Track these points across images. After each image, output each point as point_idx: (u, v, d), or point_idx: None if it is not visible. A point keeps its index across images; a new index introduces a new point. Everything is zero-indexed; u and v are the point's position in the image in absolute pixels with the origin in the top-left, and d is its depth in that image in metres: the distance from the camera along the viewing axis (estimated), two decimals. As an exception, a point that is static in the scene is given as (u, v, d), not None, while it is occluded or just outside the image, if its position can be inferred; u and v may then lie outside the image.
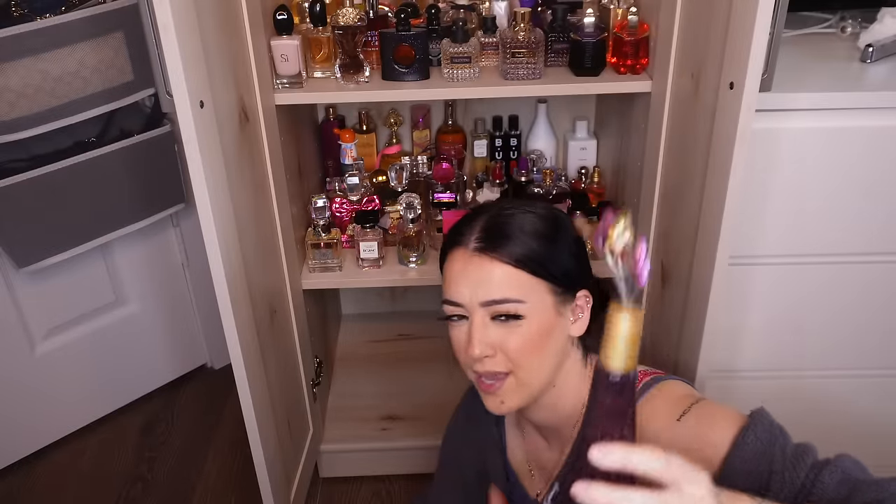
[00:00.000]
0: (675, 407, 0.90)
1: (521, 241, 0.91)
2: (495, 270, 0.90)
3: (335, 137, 1.62)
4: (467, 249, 0.92)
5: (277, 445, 1.33)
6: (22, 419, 1.76)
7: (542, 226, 0.93)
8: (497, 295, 0.90)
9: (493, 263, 0.90)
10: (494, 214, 0.94)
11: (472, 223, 0.94)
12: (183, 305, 1.95)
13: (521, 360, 0.92)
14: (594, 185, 1.63)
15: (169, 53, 0.90)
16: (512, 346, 0.91)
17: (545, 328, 0.91)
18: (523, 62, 1.29)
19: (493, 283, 0.90)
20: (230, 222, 1.09)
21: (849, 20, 1.45)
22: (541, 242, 0.92)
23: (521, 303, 0.90)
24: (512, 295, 0.89)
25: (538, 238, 0.92)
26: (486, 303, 0.90)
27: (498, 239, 0.91)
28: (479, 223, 0.94)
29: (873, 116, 1.22)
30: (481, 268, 0.90)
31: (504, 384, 0.93)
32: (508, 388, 0.93)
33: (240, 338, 1.12)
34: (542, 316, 0.91)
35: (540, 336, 0.91)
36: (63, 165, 1.53)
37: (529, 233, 0.92)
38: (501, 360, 0.92)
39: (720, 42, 1.00)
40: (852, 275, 1.35)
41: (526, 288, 0.90)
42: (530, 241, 0.91)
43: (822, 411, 1.49)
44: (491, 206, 0.98)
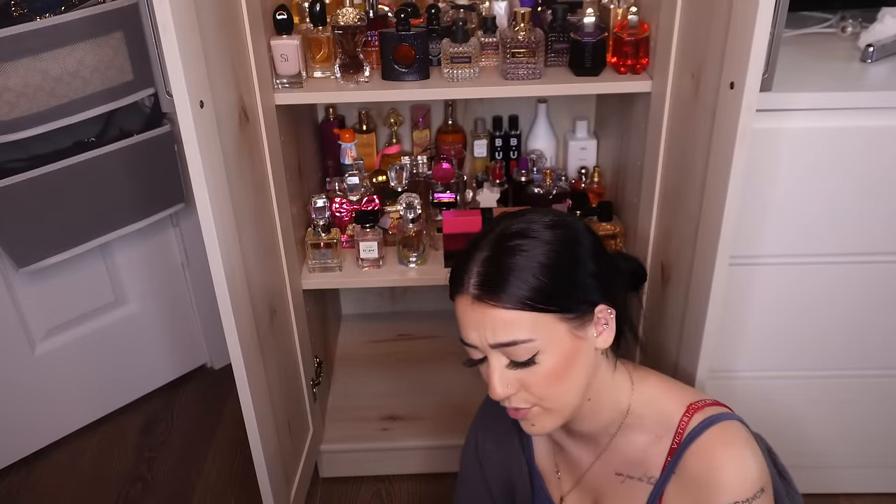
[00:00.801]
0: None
1: (521, 281, 0.87)
2: (498, 316, 0.88)
3: (335, 137, 1.62)
4: (468, 297, 0.90)
5: (277, 445, 1.33)
6: (22, 419, 1.76)
7: (545, 257, 0.89)
8: (504, 338, 0.88)
9: (495, 310, 0.88)
10: (492, 252, 0.91)
11: (468, 265, 0.91)
12: (183, 305, 1.95)
13: (544, 394, 0.91)
14: (594, 185, 1.63)
15: (169, 53, 0.90)
16: (535, 383, 0.90)
17: (565, 358, 0.90)
18: (523, 62, 1.29)
19: (499, 328, 0.88)
20: (230, 222, 1.09)
21: (849, 20, 1.45)
22: (543, 277, 0.88)
23: (531, 342, 0.88)
24: (520, 336, 0.88)
25: (540, 273, 0.88)
26: (496, 345, 0.89)
27: (496, 284, 0.88)
28: (476, 265, 0.90)
29: (873, 116, 1.22)
30: (484, 314, 0.89)
31: (530, 412, 0.93)
32: (535, 415, 0.94)
33: (240, 338, 1.12)
34: (558, 347, 0.89)
35: (561, 367, 0.90)
36: (63, 165, 1.52)
37: (529, 270, 0.88)
38: (524, 397, 0.92)
39: (720, 42, 1.00)
40: (853, 275, 1.34)
41: (534, 325, 0.88)
42: (531, 279, 0.88)
43: (823, 411, 1.49)
44: (491, 232, 0.93)
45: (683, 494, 0.93)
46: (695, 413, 0.95)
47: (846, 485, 1.61)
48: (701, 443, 0.92)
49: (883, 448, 1.54)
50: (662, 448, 0.96)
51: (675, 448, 0.94)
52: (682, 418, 0.95)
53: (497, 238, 0.92)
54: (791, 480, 1.02)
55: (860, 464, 1.57)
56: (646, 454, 0.97)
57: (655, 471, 0.96)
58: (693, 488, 0.92)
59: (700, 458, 0.92)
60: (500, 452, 1.13)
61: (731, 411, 0.97)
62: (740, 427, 0.94)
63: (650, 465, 0.97)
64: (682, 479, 0.93)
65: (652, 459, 0.97)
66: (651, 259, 1.37)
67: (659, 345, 1.34)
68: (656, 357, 1.35)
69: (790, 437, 1.52)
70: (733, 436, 0.92)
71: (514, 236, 0.91)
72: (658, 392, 0.99)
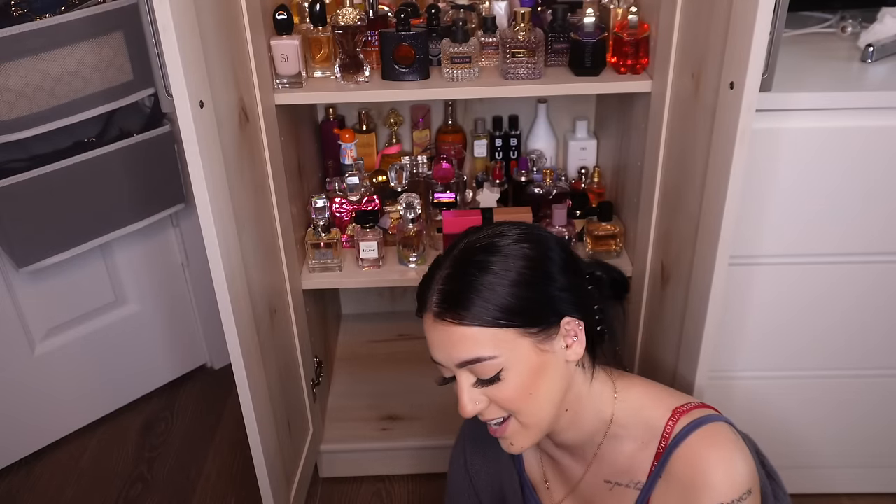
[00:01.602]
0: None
1: (481, 298, 0.88)
2: (459, 334, 0.89)
3: (335, 137, 1.62)
4: (431, 314, 0.91)
5: (277, 445, 1.33)
6: (22, 419, 1.76)
7: (509, 273, 0.89)
8: (467, 356, 0.89)
9: (456, 328, 0.89)
10: (453, 269, 0.92)
11: (431, 283, 0.93)
12: (183, 305, 1.95)
13: (515, 407, 0.92)
14: (594, 185, 1.63)
15: (169, 53, 0.90)
16: (504, 398, 0.91)
17: (531, 372, 0.90)
18: (523, 62, 1.29)
19: (460, 347, 0.89)
20: (230, 222, 1.09)
21: (849, 20, 1.45)
22: (505, 294, 0.88)
23: (494, 359, 0.88)
24: (483, 353, 0.88)
25: (501, 290, 0.88)
26: (460, 364, 0.90)
27: (456, 302, 0.89)
28: (438, 283, 0.92)
29: (873, 116, 1.22)
30: (447, 332, 0.90)
31: (508, 427, 0.93)
32: (513, 430, 0.94)
33: (240, 338, 1.12)
34: (523, 362, 0.90)
35: (528, 382, 0.90)
36: (63, 165, 1.52)
37: (491, 286, 0.88)
38: (497, 410, 0.93)
39: (720, 42, 1.00)
40: (853, 275, 1.34)
41: (496, 342, 0.88)
42: (491, 297, 0.88)
43: (823, 411, 1.49)
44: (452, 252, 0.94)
45: (670, 497, 0.93)
46: (680, 417, 0.95)
47: (847, 485, 1.61)
48: (687, 445, 0.92)
49: (884, 448, 1.54)
50: (648, 454, 0.96)
51: (660, 453, 0.94)
52: (668, 423, 0.95)
53: (460, 254, 0.93)
54: (780, 480, 1.02)
55: (861, 464, 1.57)
56: (633, 461, 0.97)
57: (642, 476, 0.96)
58: (680, 490, 0.92)
59: (686, 461, 0.91)
60: (490, 465, 1.13)
61: (717, 413, 0.96)
62: (727, 428, 0.93)
63: (637, 472, 0.97)
64: (669, 482, 0.93)
65: (638, 466, 0.97)
66: (651, 259, 1.37)
67: (658, 345, 1.34)
68: (655, 358, 1.35)
69: (791, 437, 1.52)
70: (720, 437, 0.92)
71: (477, 252, 0.91)
72: (642, 399, 0.99)
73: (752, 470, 0.91)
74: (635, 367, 1.47)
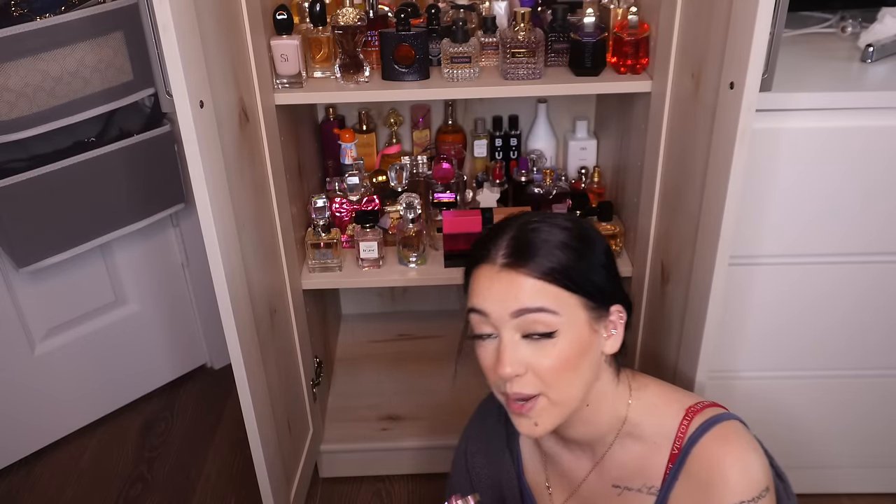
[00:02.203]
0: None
1: (551, 254, 0.89)
2: (526, 283, 0.88)
3: (335, 137, 1.62)
4: (494, 265, 0.90)
5: (277, 445, 1.33)
6: (22, 419, 1.76)
7: (570, 239, 0.91)
8: (531, 304, 0.87)
9: (524, 277, 0.88)
10: (520, 228, 0.92)
11: (497, 239, 0.92)
12: (183, 305, 1.95)
13: (553, 380, 0.89)
14: (594, 185, 1.63)
15: (169, 53, 0.90)
16: (545, 365, 0.88)
17: (580, 345, 0.90)
18: (523, 62, 1.29)
19: (527, 294, 0.87)
20: (230, 222, 1.09)
21: (849, 20, 1.45)
22: (571, 256, 0.89)
23: (555, 314, 0.87)
24: (548, 305, 0.87)
25: (568, 251, 0.90)
26: (518, 311, 0.87)
27: (526, 253, 0.89)
28: (505, 238, 0.91)
29: (873, 116, 1.22)
30: (511, 282, 0.88)
31: (536, 405, 0.91)
32: (541, 408, 0.91)
33: (240, 338, 1.12)
34: (576, 332, 0.89)
35: (574, 354, 0.89)
36: (63, 165, 1.52)
37: (558, 245, 0.89)
38: (531, 381, 0.89)
39: (720, 42, 1.00)
40: (853, 275, 1.34)
41: (559, 301, 0.88)
42: (560, 255, 0.89)
43: (823, 411, 1.49)
44: (514, 220, 0.95)
45: (690, 499, 0.92)
46: (694, 416, 0.94)
47: (848, 485, 1.61)
48: (703, 445, 0.92)
49: (884, 448, 1.54)
50: (662, 456, 0.95)
51: (675, 454, 0.94)
52: (682, 423, 0.94)
53: (524, 222, 0.94)
54: (788, 481, 1.02)
55: (862, 464, 1.57)
56: (644, 463, 0.96)
57: (656, 480, 0.95)
58: (699, 491, 0.91)
59: (704, 461, 0.91)
60: (490, 467, 1.12)
61: (729, 412, 0.96)
62: (741, 427, 0.94)
63: (650, 475, 0.96)
64: (688, 483, 0.93)
65: (652, 468, 0.96)
66: (651, 259, 1.37)
67: (658, 345, 1.34)
68: (656, 357, 1.35)
69: (791, 437, 1.52)
70: (735, 436, 0.92)
71: (539, 221, 0.93)
72: (656, 399, 0.98)
73: (767, 467, 0.91)
74: (636, 368, 1.47)
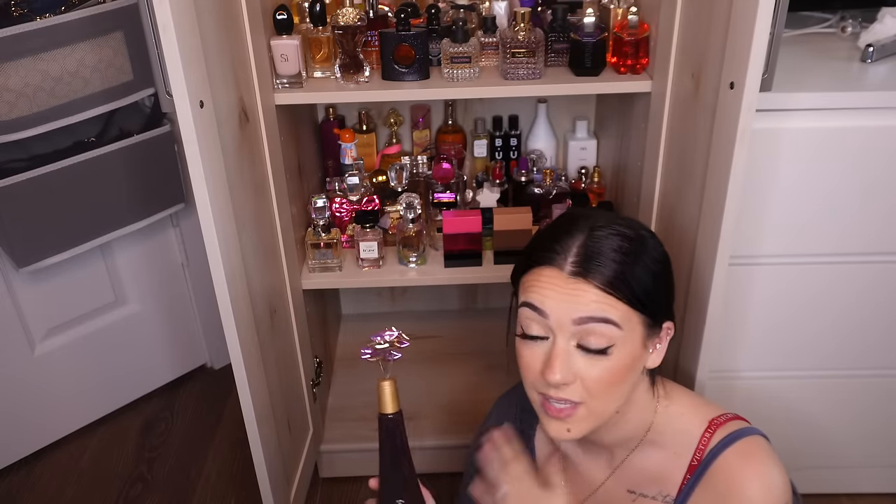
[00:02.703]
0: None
1: (622, 269, 0.87)
2: (596, 294, 0.86)
3: (335, 137, 1.62)
4: (562, 271, 0.88)
5: (277, 445, 1.33)
6: (22, 419, 1.76)
7: (652, 259, 0.90)
8: (598, 314, 0.86)
9: (593, 288, 0.86)
10: (590, 235, 0.89)
11: (564, 242, 0.89)
12: (183, 305, 1.95)
13: (598, 392, 0.89)
14: (594, 185, 1.63)
15: (169, 53, 0.90)
16: (594, 377, 0.88)
17: (630, 361, 0.89)
18: (523, 62, 1.29)
19: (593, 305, 0.86)
20: (230, 222, 1.09)
21: (849, 20, 1.45)
22: (647, 280, 0.89)
23: (618, 328, 0.87)
24: (613, 317, 0.86)
25: (638, 267, 0.88)
26: (582, 319, 0.86)
27: (598, 264, 0.87)
28: (575, 244, 0.88)
29: (873, 116, 1.22)
30: (579, 289, 0.87)
31: (575, 412, 0.90)
32: (579, 417, 0.90)
33: (240, 338, 1.12)
34: (630, 348, 0.89)
35: (624, 369, 0.89)
36: (63, 165, 1.52)
37: (629, 259, 0.88)
38: (577, 390, 0.89)
39: (720, 42, 1.00)
40: (853, 275, 1.34)
41: (624, 316, 0.87)
42: (640, 277, 0.88)
43: (823, 411, 1.49)
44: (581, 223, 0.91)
45: None
46: (717, 429, 0.94)
47: (848, 484, 1.61)
48: (725, 459, 0.91)
49: (884, 447, 1.54)
50: (681, 465, 0.94)
51: (694, 465, 0.93)
52: (704, 434, 0.94)
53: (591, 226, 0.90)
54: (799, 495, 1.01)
55: (861, 464, 1.57)
56: (662, 470, 0.96)
57: (672, 489, 0.94)
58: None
59: (724, 475, 0.90)
60: None
61: (752, 426, 0.95)
62: (764, 442, 0.93)
63: (667, 483, 0.95)
64: (705, 495, 0.92)
65: (669, 477, 0.95)
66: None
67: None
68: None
69: (791, 436, 1.52)
70: (758, 451, 0.91)
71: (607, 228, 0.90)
72: (681, 408, 0.98)
73: (787, 485, 0.90)
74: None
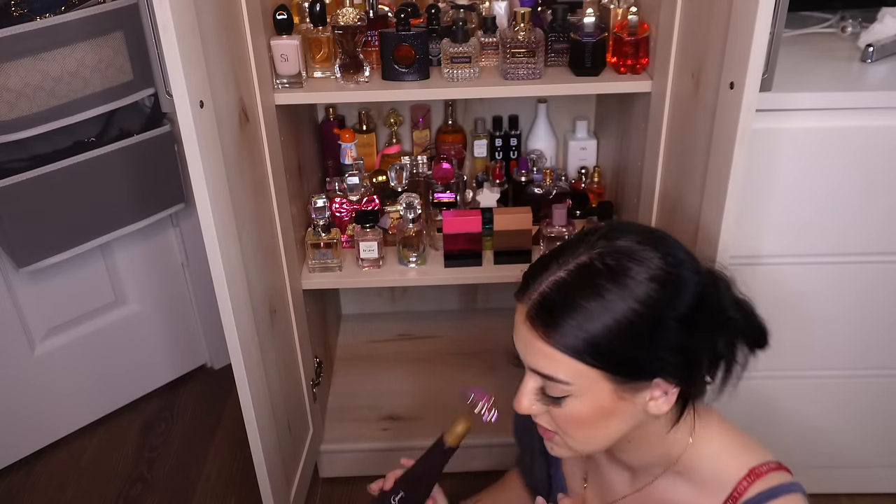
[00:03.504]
0: None
1: (581, 329, 0.78)
2: (541, 346, 0.81)
3: (335, 137, 1.62)
4: (524, 310, 0.83)
5: (277, 445, 1.33)
6: (22, 419, 1.76)
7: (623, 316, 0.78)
8: (541, 369, 0.82)
9: (539, 340, 0.81)
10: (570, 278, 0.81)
11: (541, 275, 0.83)
12: (183, 305, 1.95)
13: (568, 431, 0.85)
14: (594, 185, 1.63)
15: (169, 53, 0.90)
16: (560, 418, 0.85)
17: (599, 411, 0.83)
18: (523, 62, 1.29)
19: (540, 359, 0.82)
20: (230, 222, 1.09)
21: (849, 20, 1.45)
22: (600, 331, 0.78)
23: (567, 385, 0.81)
24: (558, 375, 0.81)
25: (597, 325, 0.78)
26: (532, 370, 0.84)
27: (553, 318, 0.80)
28: (544, 282, 0.82)
29: (873, 116, 1.22)
30: (529, 337, 0.82)
31: (554, 438, 0.88)
32: (558, 443, 0.89)
33: (240, 338, 1.12)
34: (594, 399, 0.82)
35: (592, 418, 0.83)
36: (63, 165, 1.52)
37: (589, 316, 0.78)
38: (549, 422, 0.87)
39: (720, 42, 1.00)
40: (853, 275, 1.34)
41: (576, 373, 0.80)
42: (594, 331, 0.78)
43: (823, 411, 1.49)
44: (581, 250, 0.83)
45: None
46: (756, 479, 0.87)
47: (848, 484, 1.61)
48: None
49: (884, 447, 1.54)
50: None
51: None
52: (742, 482, 0.88)
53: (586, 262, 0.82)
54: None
55: (861, 464, 1.57)
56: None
57: None
58: None
59: None
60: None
61: (793, 479, 0.90)
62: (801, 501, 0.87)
63: None
64: None
65: None
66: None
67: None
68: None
69: (791, 436, 1.52)
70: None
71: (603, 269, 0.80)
72: (720, 449, 0.92)
73: None
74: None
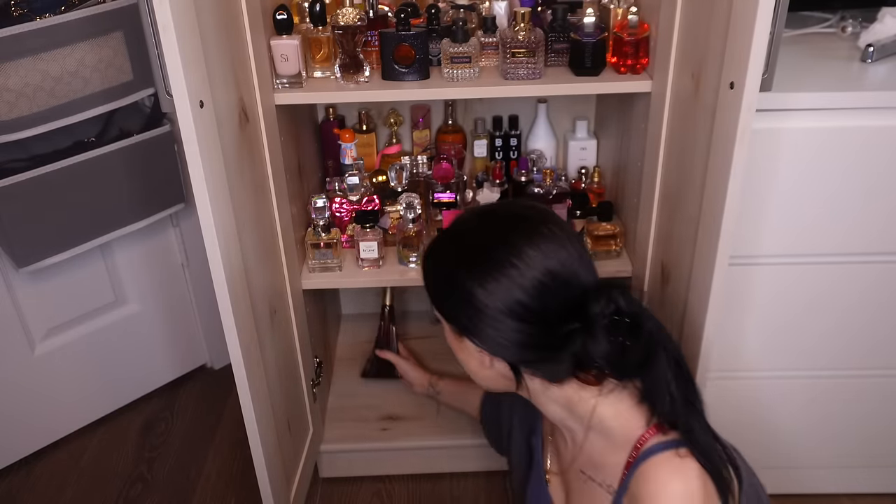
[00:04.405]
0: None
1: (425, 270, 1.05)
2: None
3: (335, 137, 1.62)
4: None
5: (277, 445, 1.33)
6: (22, 419, 1.76)
7: (435, 265, 1.04)
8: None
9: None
10: (432, 244, 1.06)
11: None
12: (183, 305, 1.95)
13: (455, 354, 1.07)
14: (594, 185, 1.63)
15: (169, 53, 0.90)
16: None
17: (451, 339, 1.05)
18: (523, 62, 1.29)
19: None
20: (230, 222, 1.09)
21: (849, 20, 1.45)
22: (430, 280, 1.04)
23: (441, 319, 1.04)
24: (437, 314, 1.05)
25: (429, 276, 1.04)
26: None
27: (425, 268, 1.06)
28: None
29: (873, 116, 1.22)
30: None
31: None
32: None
33: (240, 338, 1.12)
34: (448, 331, 1.04)
35: (452, 344, 1.05)
36: (63, 165, 1.52)
37: (428, 268, 1.05)
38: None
39: (720, 42, 1.00)
40: (852, 275, 1.35)
41: (439, 313, 1.05)
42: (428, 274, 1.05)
43: (823, 411, 1.49)
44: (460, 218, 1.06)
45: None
46: (657, 433, 0.94)
47: (847, 485, 1.61)
48: (651, 464, 0.92)
49: (884, 448, 1.54)
50: (620, 459, 0.96)
51: (630, 462, 0.95)
52: (644, 434, 0.95)
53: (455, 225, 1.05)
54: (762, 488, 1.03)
55: (862, 464, 1.57)
56: (605, 460, 0.99)
57: (614, 480, 0.97)
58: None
59: (646, 481, 0.91)
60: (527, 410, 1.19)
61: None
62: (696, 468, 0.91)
63: (609, 474, 0.98)
64: (630, 496, 0.94)
65: (610, 468, 0.98)
66: (651, 259, 1.37)
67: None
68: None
69: (791, 436, 1.52)
70: (685, 465, 0.90)
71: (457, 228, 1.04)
72: (629, 406, 0.98)
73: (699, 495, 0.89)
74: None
